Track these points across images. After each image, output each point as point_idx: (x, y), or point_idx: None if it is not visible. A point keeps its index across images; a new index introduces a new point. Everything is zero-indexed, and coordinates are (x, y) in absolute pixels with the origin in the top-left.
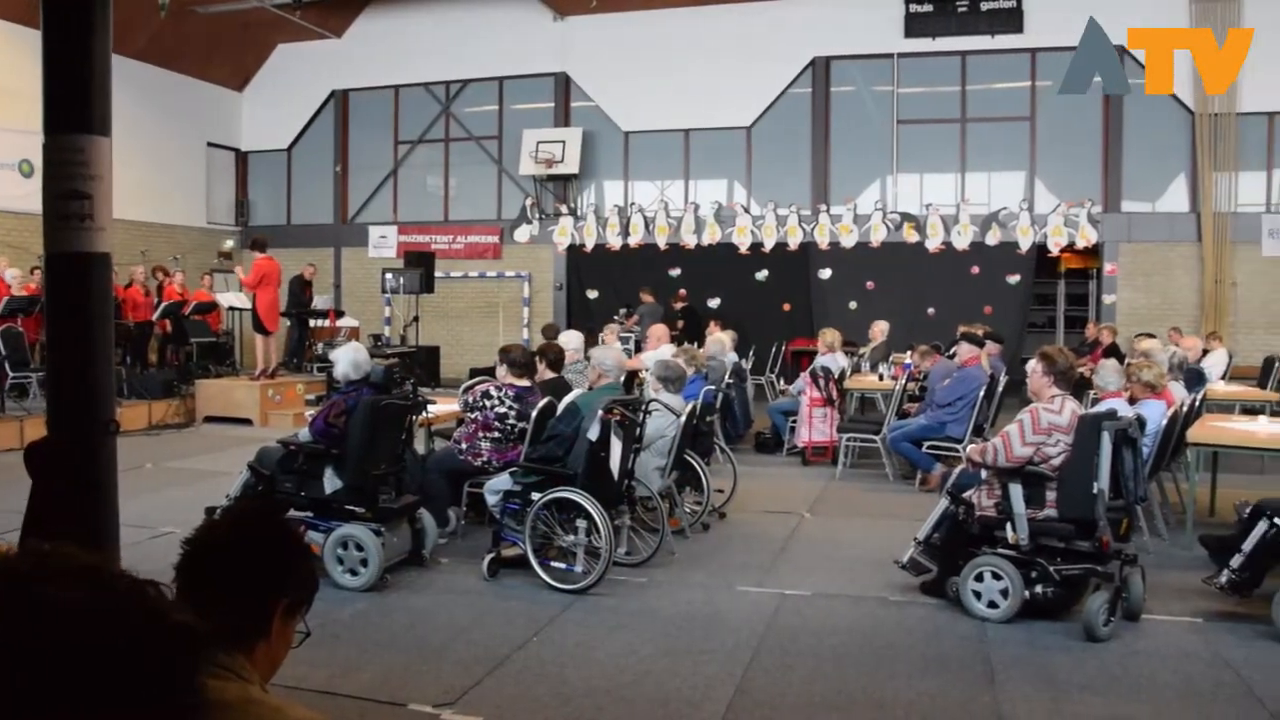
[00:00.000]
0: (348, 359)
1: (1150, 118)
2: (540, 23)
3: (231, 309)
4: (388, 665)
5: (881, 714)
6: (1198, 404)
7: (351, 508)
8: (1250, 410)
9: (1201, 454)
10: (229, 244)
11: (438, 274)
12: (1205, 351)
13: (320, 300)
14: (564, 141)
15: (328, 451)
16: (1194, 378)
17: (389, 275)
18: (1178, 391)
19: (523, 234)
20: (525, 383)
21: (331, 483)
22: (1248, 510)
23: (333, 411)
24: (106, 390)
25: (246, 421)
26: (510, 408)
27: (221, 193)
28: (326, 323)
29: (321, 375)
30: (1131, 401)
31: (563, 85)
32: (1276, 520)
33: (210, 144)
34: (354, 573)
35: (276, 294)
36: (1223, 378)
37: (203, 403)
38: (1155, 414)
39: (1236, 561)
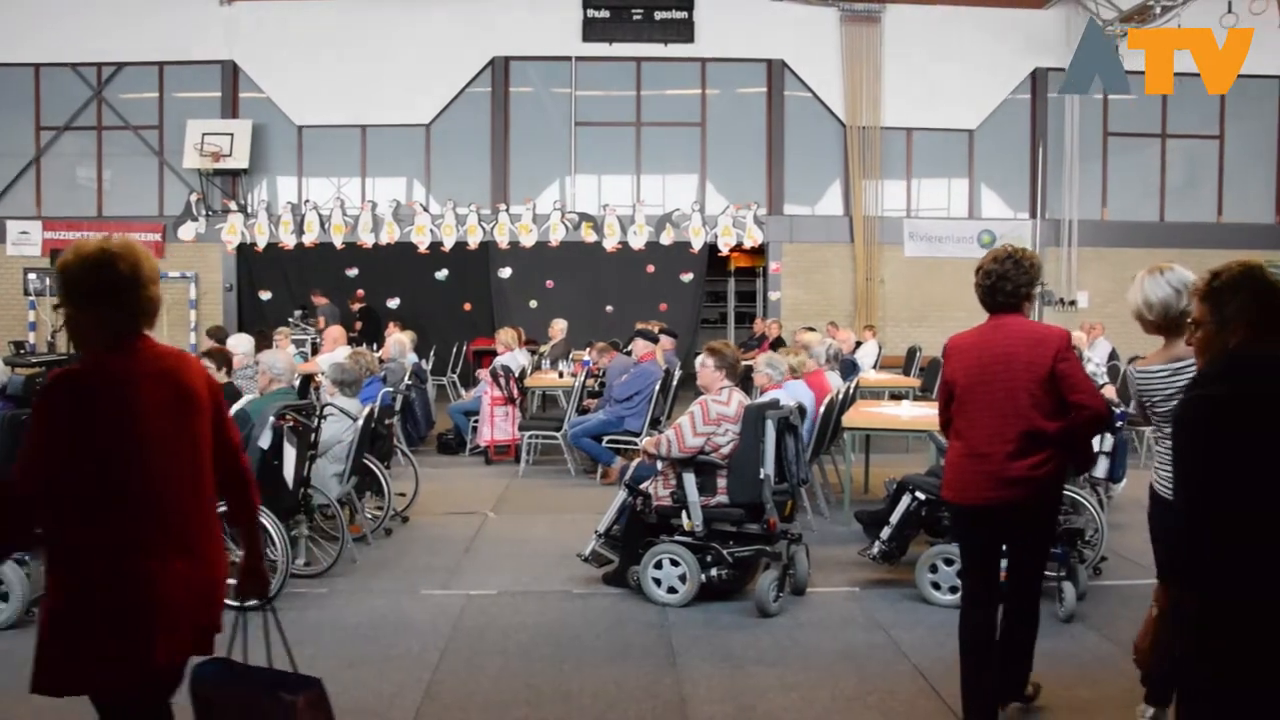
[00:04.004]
0: None
1: (808, 128)
2: (205, 6)
3: None
4: (35, 709)
5: (569, 705)
6: (852, 391)
7: None
8: (897, 396)
9: (856, 437)
10: None
11: None
12: (858, 343)
13: None
14: (232, 134)
15: None
16: (848, 367)
17: (33, 276)
18: (834, 380)
19: (188, 231)
20: None
21: None
22: (894, 486)
23: None
24: None
25: None
26: None
27: None
28: None
29: None
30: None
31: (230, 74)
32: (918, 494)
33: None
34: None
35: None
36: (874, 367)
37: None
38: (797, 393)
39: (886, 533)
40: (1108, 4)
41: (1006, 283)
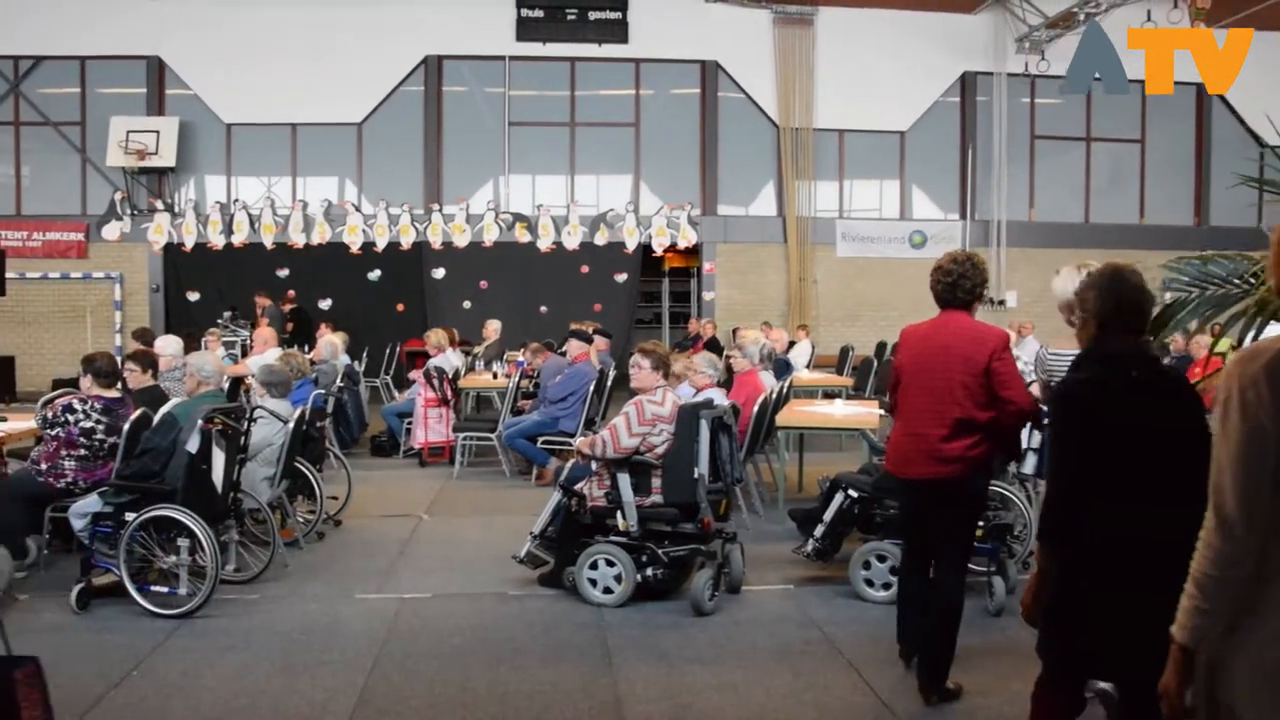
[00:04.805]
0: None
1: (741, 129)
2: None
3: None
4: None
5: (504, 708)
6: (785, 391)
7: None
8: (830, 395)
9: (790, 436)
10: None
11: (9, 274)
12: (792, 343)
13: None
14: (158, 131)
15: None
16: (782, 367)
17: None
18: (767, 380)
19: (112, 231)
20: (114, 394)
21: None
22: (827, 484)
23: None
24: None
25: None
26: (98, 422)
27: None
28: None
29: None
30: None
31: (156, 70)
32: (850, 492)
33: None
34: None
35: None
36: (807, 366)
37: None
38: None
39: (819, 531)
40: (1034, 9)
41: (966, 280)
